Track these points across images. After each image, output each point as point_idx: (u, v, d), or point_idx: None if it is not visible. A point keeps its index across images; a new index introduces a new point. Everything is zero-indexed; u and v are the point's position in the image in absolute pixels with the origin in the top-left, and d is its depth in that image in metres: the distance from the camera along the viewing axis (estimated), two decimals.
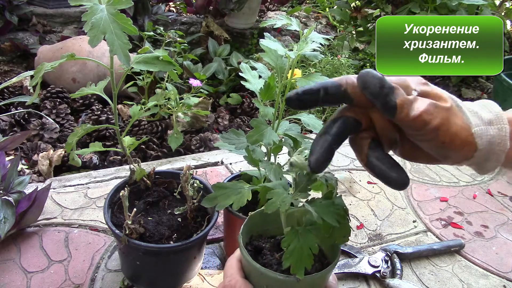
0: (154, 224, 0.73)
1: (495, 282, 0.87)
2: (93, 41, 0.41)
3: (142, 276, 0.76)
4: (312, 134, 1.34)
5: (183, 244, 0.67)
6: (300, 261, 0.50)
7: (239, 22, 1.89)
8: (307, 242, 0.50)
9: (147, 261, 0.72)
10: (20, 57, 1.63)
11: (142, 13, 1.67)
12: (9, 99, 1.22)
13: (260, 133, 0.63)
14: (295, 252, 0.50)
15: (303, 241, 0.51)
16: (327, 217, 0.49)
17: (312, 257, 0.50)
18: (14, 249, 0.82)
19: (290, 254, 0.50)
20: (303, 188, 0.51)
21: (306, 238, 0.51)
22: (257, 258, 0.57)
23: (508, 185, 1.19)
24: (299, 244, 0.50)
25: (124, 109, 1.36)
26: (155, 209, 0.77)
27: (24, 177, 0.87)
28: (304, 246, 0.50)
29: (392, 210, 1.05)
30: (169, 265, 0.73)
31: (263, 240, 0.59)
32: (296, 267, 0.49)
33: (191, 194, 0.70)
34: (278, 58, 0.65)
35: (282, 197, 0.50)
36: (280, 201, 0.49)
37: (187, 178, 0.69)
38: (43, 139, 1.23)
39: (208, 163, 1.14)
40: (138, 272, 0.75)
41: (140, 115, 0.70)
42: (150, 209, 0.76)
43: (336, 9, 1.82)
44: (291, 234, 0.51)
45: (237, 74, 1.50)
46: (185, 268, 0.75)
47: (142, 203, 0.76)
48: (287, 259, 0.49)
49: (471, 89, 1.81)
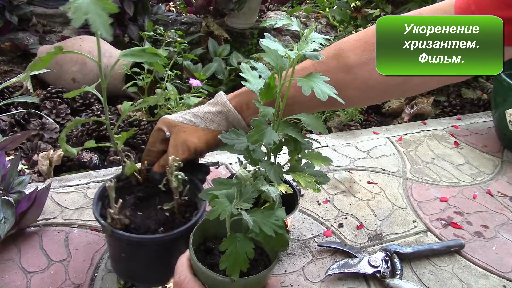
0: (142, 218, 0.74)
1: (495, 282, 0.87)
2: (76, 22, 0.46)
3: (128, 269, 0.76)
4: (312, 134, 1.34)
5: (166, 236, 0.68)
6: (236, 264, 0.54)
7: (239, 22, 1.89)
8: (243, 247, 0.55)
9: (132, 253, 0.73)
10: (20, 57, 1.63)
11: (142, 13, 1.67)
12: (9, 99, 1.22)
13: (261, 133, 0.63)
14: (232, 256, 0.55)
15: (240, 246, 0.55)
16: (265, 227, 0.55)
17: (247, 261, 0.55)
18: (14, 249, 0.82)
19: (226, 257, 0.55)
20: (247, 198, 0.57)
21: (243, 244, 0.56)
22: (207, 258, 0.62)
23: (508, 185, 1.19)
24: (236, 249, 0.55)
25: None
26: (145, 204, 0.77)
27: (24, 177, 0.87)
28: (240, 251, 0.55)
29: (392, 210, 1.05)
30: (153, 258, 0.73)
31: (217, 241, 0.64)
32: (231, 269, 0.54)
33: (175, 186, 0.71)
34: (278, 58, 0.65)
35: (223, 206, 0.54)
36: (221, 209, 0.54)
37: (172, 170, 0.70)
38: (43, 139, 1.23)
39: (208, 163, 1.14)
40: (124, 265, 0.76)
41: (130, 110, 0.71)
42: (140, 204, 0.77)
43: (336, 9, 1.82)
44: (229, 239, 0.56)
45: (237, 74, 1.50)
46: (171, 263, 0.75)
47: (132, 198, 0.77)
48: (224, 262, 0.54)
49: (471, 89, 1.81)
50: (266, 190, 0.58)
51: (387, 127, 1.45)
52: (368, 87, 0.68)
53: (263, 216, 0.56)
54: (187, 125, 0.75)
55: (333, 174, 1.16)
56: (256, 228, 0.54)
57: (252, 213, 0.56)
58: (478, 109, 1.69)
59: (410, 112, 1.57)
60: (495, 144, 1.38)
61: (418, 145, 1.34)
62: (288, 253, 0.88)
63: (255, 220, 0.55)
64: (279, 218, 0.56)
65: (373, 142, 1.33)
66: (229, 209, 0.54)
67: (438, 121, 1.52)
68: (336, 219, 0.99)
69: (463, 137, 1.41)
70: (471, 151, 1.34)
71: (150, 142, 0.79)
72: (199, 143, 0.74)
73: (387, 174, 1.18)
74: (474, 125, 1.49)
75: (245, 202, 0.56)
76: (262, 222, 0.55)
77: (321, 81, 0.60)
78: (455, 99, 1.71)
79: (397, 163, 1.24)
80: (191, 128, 0.75)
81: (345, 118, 1.45)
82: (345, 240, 0.94)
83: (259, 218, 0.56)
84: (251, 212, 0.56)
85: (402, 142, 1.35)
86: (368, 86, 0.68)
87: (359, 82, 0.68)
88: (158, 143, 0.78)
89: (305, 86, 0.59)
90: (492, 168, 1.26)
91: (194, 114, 0.77)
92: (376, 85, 0.68)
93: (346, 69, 0.68)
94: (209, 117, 0.76)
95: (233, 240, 0.56)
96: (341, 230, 0.96)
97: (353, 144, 1.31)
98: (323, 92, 0.59)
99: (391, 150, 1.30)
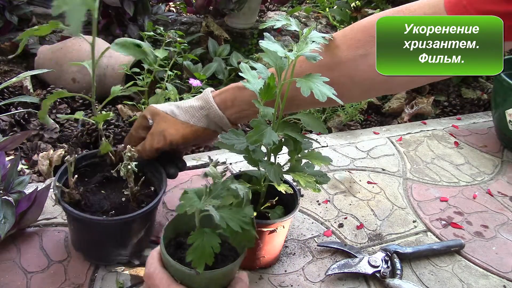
0: (101, 197, 0.77)
1: (495, 282, 0.87)
2: (55, 10, 0.49)
3: (77, 242, 0.81)
4: (312, 134, 1.34)
5: (105, 220, 0.71)
6: (201, 257, 0.56)
7: (239, 22, 1.89)
8: (210, 241, 0.57)
9: (77, 228, 0.77)
10: (20, 57, 1.63)
11: (142, 13, 1.67)
12: (9, 99, 1.22)
13: (260, 133, 0.63)
14: (198, 249, 0.57)
15: (206, 240, 0.58)
16: (231, 223, 0.57)
17: (212, 254, 0.57)
18: (14, 249, 0.82)
19: (193, 250, 0.57)
20: (216, 195, 0.59)
21: (210, 238, 0.58)
22: (177, 252, 0.64)
23: (508, 185, 1.19)
24: (202, 242, 0.57)
25: (124, 109, 1.36)
26: (112, 185, 0.80)
27: (24, 177, 0.87)
28: (206, 245, 0.57)
29: (392, 210, 1.05)
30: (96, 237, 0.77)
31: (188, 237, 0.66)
32: (196, 262, 0.56)
33: (122, 174, 0.73)
34: (277, 58, 0.65)
35: (191, 202, 0.57)
36: (189, 205, 0.56)
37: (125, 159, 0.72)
38: (43, 139, 1.23)
39: (208, 163, 1.14)
40: (74, 237, 0.81)
41: (119, 93, 0.74)
42: (107, 184, 0.80)
43: (336, 9, 1.82)
44: (197, 233, 0.58)
45: (237, 74, 1.50)
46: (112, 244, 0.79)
47: (100, 176, 0.80)
48: (190, 254, 0.57)
49: (471, 89, 1.81)
50: (235, 187, 0.59)
51: (387, 127, 1.45)
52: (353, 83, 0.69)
53: (231, 212, 0.58)
54: (169, 116, 0.77)
55: (333, 174, 1.16)
56: (223, 223, 0.56)
57: (221, 209, 0.58)
58: (478, 109, 1.69)
59: (410, 112, 1.57)
60: (495, 144, 1.38)
61: (418, 145, 1.34)
62: (288, 253, 0.88)
63: (222, 216, 0.57)
64: (247, 215, 0.59)
65: (373, 142, 1.34)
66: (196, 205, 0.56)
67: (438, 121, 1.52)
68: (336, 219, 0.99)
69: (463, 137, 1.41)
70: (471, 151, 1.34)
71: (134, 127, 0.81)
72: (175, 136, 0.76)
73: (387, 174, 1.18)
74: (474, 125, 1.49)
75: (214, 198, 0.58)
76: (229, 218, 0.57)
77: (320, 82, 0.60)
78: (455, 99, 1.71)
79: (397, 163, 1.24)
80: (172, 119, 0.77)
81: (345, 118, 1.45)
82: (345, 240, 0.94)
83: (227, 214, 0.58)
84: (220, 208, 0.59)
85: (402, 142, 1.35)
86: (354, 82, 0.68)
87: (345, 79, 0.68)
88: (140, 130, 0.80)
89: (304, 87, 0.59)
90: (492, 168, 1.26)
91: (179, 106, 0.78)
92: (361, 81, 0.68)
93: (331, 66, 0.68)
94: (191, 112, 0.78)
95: (200, 234, 0.58)
96: (341, 230, 0.96)
97: (353, 144, 1.31)
98: (322, 93, 0.59)
99: (391, 150, 1.30)
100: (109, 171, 0.81)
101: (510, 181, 1.21)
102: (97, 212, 0.74)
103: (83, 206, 0.74)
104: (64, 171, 0.75)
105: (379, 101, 1.64)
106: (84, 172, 0.82)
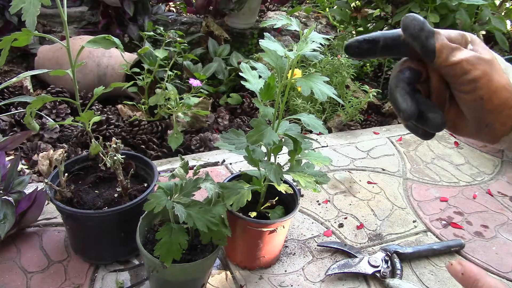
0: (94, 196, 0.78)
1: None
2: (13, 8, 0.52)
3: (74, 243, 0.81)
4: (312, 134, 1.34)
5: (96, 213, 0.72)
6: (169, 253, 0.58)
7: (239, 22, 1.89)
8: (177, 238, 0.59)
9: (72, 226, 0.78)
10: (20, 57, 1.63)
11: (142, 13, 1.66)
12: (9, 99, 1.22)
13: (260, 133, 0.63)
14: (165, 245, 0.59)
15: (174, 237, 0.59)
16: (199, 222, 0.59)
17: (180, 251, 0.59)
18: (14, 249, 0.82)
19: (160, 246, 0.59)
20: (186, 193, 0.61)
21: (178, 235, 0.60)
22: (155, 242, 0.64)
23: (508, 185, 1.19)
24: (169, 239, 0.59)
25: (124, 109, 1.36)
26: (105, 184, 0.82)
27: (24, 177, 0.87)
28: (174, 241, 0.59)
29: (392, 210, 1.05)
30: (89, 234, 0.77)
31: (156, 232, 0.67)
32: (164, 257, 0.58)
33: (109, 166, 0.75)
34: (278, 58, 0.65)
35: (158, 200, 0.59)
36: (156, 203, 0.58)
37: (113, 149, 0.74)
38: (43, 139, 1.23)
39: (208, 163, 1.15)
40: (71, 238, 0.82)
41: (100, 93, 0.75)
42: (99, 183, 0.82)
43: (336, 9, 1.82)
44: (164, 229, 0.60)
45: (237, 74, 1.50)
46: (108, 242, 0.79)
47: (93, 177, 0.82)
48: (157, 250, 0.59)
49: None
50: (204, 187, 0.61)
51: (387, 127, 1.45)
52: None
53: (200, 211, 0.60)
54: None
55: (333, 174, 1.16)
56: (190, 221, 0.58)
57: (191, 208, 0.60)
58: None
59: None
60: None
61: (418, 145, 1.34)
62: (288, 253, 0.88)
63: (190, 214, 0.59)
64: (216, 215, 0.60)
65: (373, 142, 1.33)
66: (164, 203, 0.58)
67: None
68: (336, 219, 0.99)
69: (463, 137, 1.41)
70: (471, 151, 1.34)
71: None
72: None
73: (387, 174, 1.18)
74: None
75: (185, 196, 0.60)
76: (197, 217, 0.59)
77: (320, 81, 0.60)
78: None
79: (397, 163, 1.24)
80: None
81: (345, 118, 1.45)
82: (345, 240, 0.94)
83: (195, 213, 0.59)
84: (190, 206, 0.60)
85: (402, 142, 1.35)
86: None
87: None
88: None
89: (304, 86, 0.59)
90: (492, 168, 1.26)
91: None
92: None
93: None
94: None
95: (168, 230, 0.60)
96: (341, 230, 0.96)
97: (353, 144, 1.31)
98: (322, 92, 0.59)
99: (391, 150, 1.30)
100: (101, 171, 0.82)
101: (510, 181, 1.21)
102: (90, 209, 0.75)
103: (75, 204, 0.76)
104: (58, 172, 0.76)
105: (379, 101, 1.64)
106: (77, 175, 0.83)
